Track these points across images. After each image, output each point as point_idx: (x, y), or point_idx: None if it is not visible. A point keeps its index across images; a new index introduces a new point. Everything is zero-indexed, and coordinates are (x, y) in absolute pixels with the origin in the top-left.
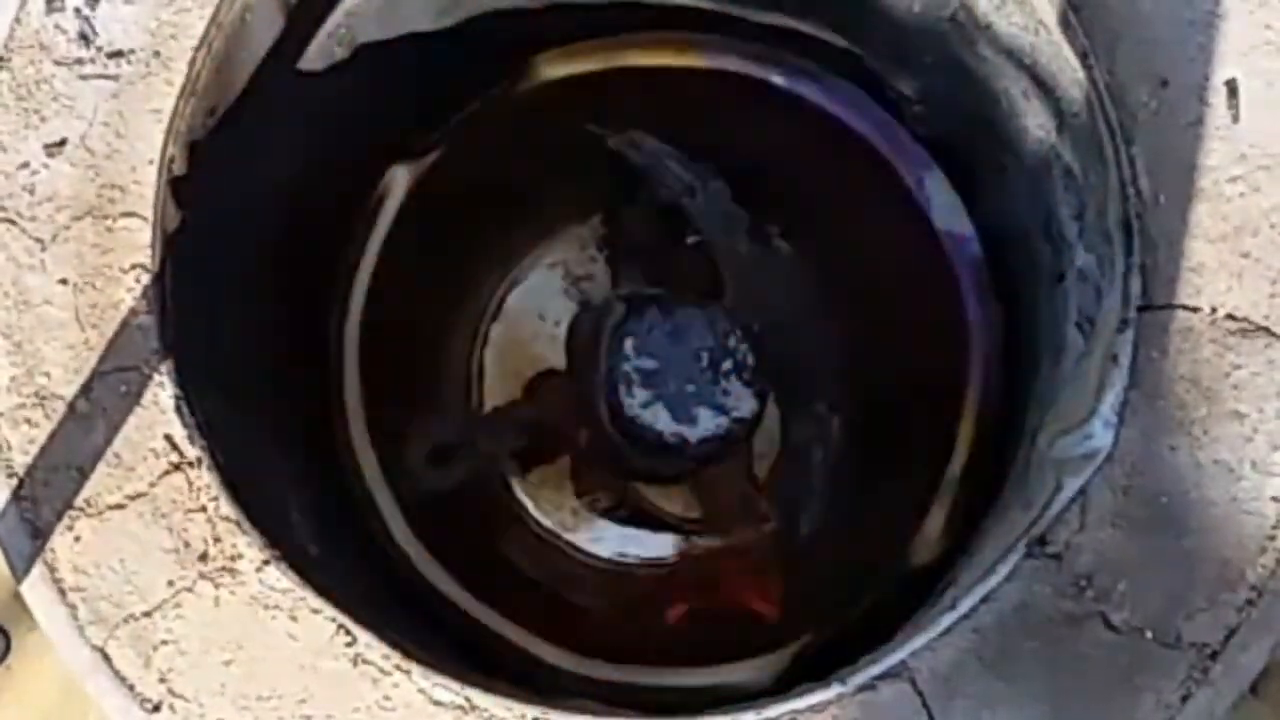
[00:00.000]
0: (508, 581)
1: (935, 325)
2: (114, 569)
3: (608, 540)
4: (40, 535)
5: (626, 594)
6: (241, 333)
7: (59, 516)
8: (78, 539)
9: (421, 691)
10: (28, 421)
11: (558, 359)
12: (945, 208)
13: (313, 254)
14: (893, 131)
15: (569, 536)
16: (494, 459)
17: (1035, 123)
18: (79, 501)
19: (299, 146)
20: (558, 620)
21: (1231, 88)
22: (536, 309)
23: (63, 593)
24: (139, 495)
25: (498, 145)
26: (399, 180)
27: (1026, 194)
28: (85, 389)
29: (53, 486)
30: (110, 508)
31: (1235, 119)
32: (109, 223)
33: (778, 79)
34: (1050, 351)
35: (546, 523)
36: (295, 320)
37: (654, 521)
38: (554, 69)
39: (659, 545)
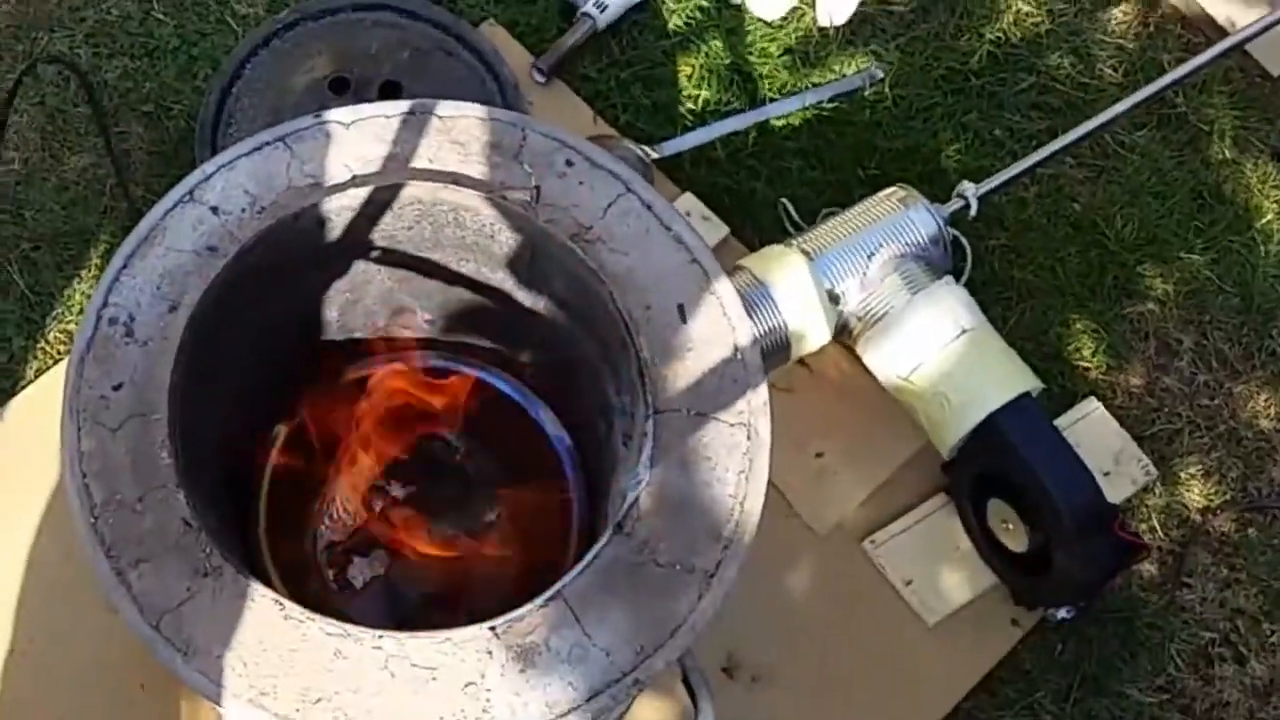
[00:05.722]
0: None
1: (551, 476)
2: None
3: None
4: None
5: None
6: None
7: None
8: None
9: None
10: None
11: None
12: (550, 423)
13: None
14: (523, 390)
15: None
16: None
17: (591, 352)
18: None
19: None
20: None
21: (681, 311)
22: None
23: None
24: None
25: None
26: (280, 431)
27: (589, 394)
28: None
29: None
30: None
31: (684, 322)
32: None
33: (469, 370)
34: (610, 465)
35: None
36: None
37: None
38: (351, 372)
39: None
